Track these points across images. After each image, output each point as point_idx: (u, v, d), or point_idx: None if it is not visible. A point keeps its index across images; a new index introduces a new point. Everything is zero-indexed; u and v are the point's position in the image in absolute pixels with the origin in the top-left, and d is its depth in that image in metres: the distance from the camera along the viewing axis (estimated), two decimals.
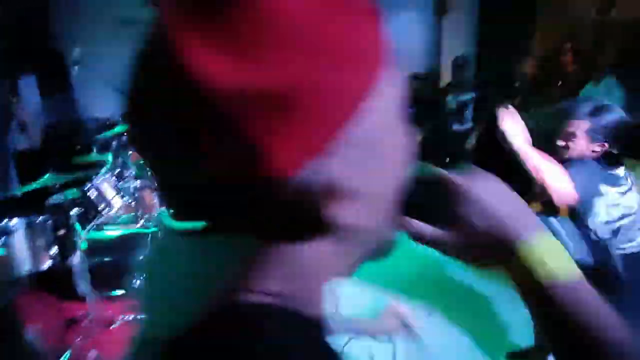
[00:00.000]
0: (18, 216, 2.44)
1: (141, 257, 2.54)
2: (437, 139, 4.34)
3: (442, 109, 4.22)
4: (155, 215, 2.86)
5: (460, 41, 4.55)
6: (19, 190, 2.80)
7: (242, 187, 0.28)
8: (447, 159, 4.42)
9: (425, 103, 4.45)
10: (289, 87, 0.26)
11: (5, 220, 2.41)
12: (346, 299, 0.78)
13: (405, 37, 4.76)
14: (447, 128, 4.25)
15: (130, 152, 3.37)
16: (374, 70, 0.30)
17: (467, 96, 4.15)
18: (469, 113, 4.18)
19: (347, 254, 0.35)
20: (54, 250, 2.57)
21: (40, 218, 2.51)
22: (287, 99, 0.26)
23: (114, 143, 3.52)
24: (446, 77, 4.67)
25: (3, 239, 2.33)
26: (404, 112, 0.34)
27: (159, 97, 0.29)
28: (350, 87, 0.28)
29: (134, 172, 3.30)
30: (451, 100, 4.17)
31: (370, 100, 0.29)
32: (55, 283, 2.76)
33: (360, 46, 0.29)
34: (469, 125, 4.19)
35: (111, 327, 2.45)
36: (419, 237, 0.42)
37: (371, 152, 0.30)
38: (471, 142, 4.12)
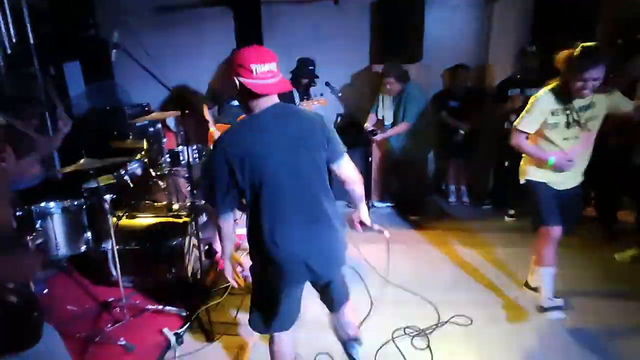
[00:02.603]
0: (56, 199, 2.48)
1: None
2: (490, 137, 4.01)
3: (497, 103, 3.78)
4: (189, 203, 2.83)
5: (511, 30, 4.22)
6: (58, 174, 2.85)
7: None
8: (506, 162, 3.94)
9: (473, 96, 4.16)
10: None
11: (44, 203, 2.45)
12: None
13: (451, 25, 4.49)
14: (506, 127, 3.62)
15: (165, 139, 3.36)
16: None
17: (534, 90, 3.71)
18: None
19: None
20: (89, 234, 2.60)
21: (77, 202, 2.54)
22: None
23: (150, 129, 3.52)
24: (494, 70, 4.35)
25: (40, 221, 2.37)
26: None
27: None
28: None
29: (168, 160, 3.29)
30: (515, 94, 3.64)
31: None
32: (89, 267, 2.80)
33: None
34: None
35: (141, 315, 2.45)
36: None
37: None
38: None
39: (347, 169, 1.67)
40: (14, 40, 3.46)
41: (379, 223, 3.93)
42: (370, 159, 4.21)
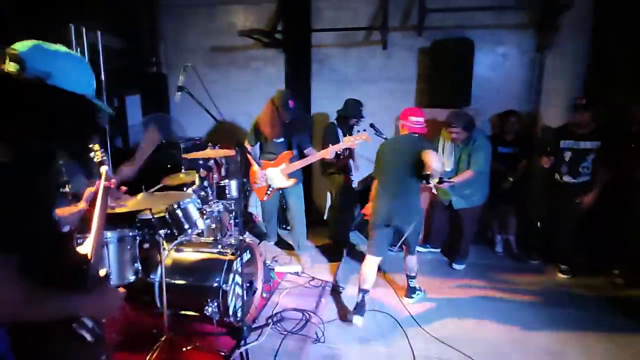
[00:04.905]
0: (112, 229, 2.60)
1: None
2: (538, 190, 3.86)
3: (550, 154, 3.63)
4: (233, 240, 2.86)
5: (564, 79, 4.12)
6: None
7: None
8: (551, 215, 3.83)
9: (523, 143, 4.04)
10: None
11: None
12: None
13: (501, 71, 4.47)
14: (555, 179, 3.68)
15: (215, 175, 3.48)
16: None
17: (588, 144, 3.50)
18: (586, 165, 3.54)
19: None
20: (139, 264, 2.67)
21: (132, 233, 2.64)
22: None
23: (201, 163, 3.66)
24: (545, 118, 4.24)
25: None
26: None
27: None
28: None
29: (215, 195, 3.39)
30: (566, 147, 3.58)
31: None
32: (133, 296, 2.86)
33: None
34: (584, 178, 3.57)
35: (182, 351, 2.45)
36: None
37: None
38: (587, 200, 3.50)
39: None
40: None
41: (420, 269, 3.83)
42: None
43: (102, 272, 1.15)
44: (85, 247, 1.13)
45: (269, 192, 3.62)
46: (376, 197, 3.05)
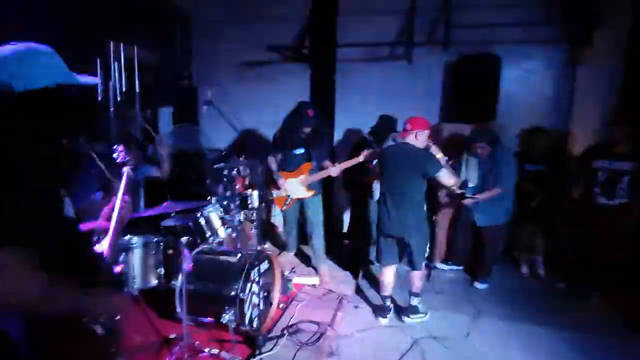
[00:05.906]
0: (138, 234, 2.72)
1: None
2: (568, 210, 3.73)
3: (579, 182, 3.54)
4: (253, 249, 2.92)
5: (598, 96, 3.98)
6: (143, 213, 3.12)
7: None
8: (583, 238, 3.62)
9: (552, 161, 3.91)
10: None
11: (129, 237, 2.69)
12: None
13: (529, 87, 4.37)
14: (588, 200, 3.52)
15: (238, 185, 3.57)
16: None
17: (623, 165, 3.36)
18: (622, 186, 3.37)
19: None
20: (162, 270, 2.78)
21: (156, 239, 2.75)
22: None
23: (225, 173, 3.78)
24: (576, 135, 4.10)
25: (124, 254, 2.60)
26: None
27: None
28: None
29: (238, 204, 3.47)
30: (599, 167, 3.43)
31: None
32: (156, 300, 2.96)
33: None
34: (621, 200, 3.39)
35: (198, 357, 2.50)
36: None
37: None
38: (622, 224, 3.33)
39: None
40: (124, 89, 4.00)
41: (440, 287, 3.76)
42: (434, 217, 4.08)
43: (117, 269, 1.21)
44: (102, 246, 1.20)
45: (287, 202, 3.69)
46: (381, 204, 3.04)
